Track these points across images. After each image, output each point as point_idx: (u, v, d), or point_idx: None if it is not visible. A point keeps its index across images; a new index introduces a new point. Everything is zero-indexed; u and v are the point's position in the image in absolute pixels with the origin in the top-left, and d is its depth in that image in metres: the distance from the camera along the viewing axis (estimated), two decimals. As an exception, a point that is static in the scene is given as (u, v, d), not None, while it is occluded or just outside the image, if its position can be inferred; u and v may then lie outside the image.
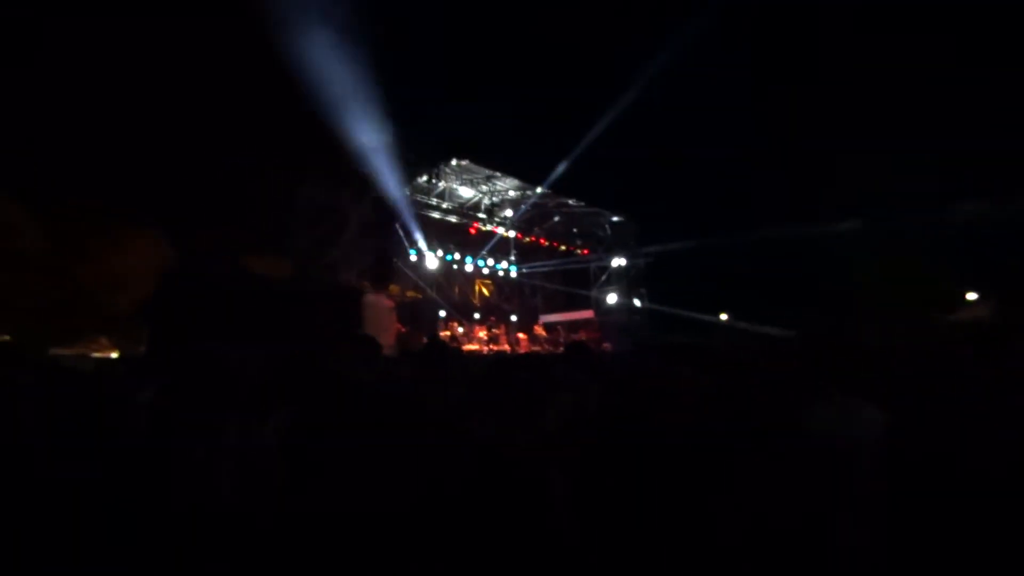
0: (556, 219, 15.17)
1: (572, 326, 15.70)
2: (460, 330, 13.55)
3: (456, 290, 15.34)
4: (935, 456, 1.66)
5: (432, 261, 13.31)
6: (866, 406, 1.85)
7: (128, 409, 2.57)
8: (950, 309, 9.50)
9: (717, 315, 13.82)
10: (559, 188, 12.95)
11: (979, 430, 1.72)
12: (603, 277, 15.56)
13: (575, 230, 15.85)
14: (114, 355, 6.80)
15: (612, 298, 15.00)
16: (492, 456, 1.93)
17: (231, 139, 7.21)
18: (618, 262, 15.20)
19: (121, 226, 6.72)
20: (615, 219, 14.94)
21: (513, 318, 15.64)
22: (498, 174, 12.55)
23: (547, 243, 15.12)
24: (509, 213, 14.66)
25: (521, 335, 14.62)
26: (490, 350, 12.86)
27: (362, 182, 10.63)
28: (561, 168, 11.55)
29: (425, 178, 11.93)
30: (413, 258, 13.51)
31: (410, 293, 13.69)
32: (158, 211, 6.90)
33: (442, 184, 12.84)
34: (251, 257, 8.05)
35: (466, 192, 13.71)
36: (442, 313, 13.67)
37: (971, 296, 10.18)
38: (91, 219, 6.54)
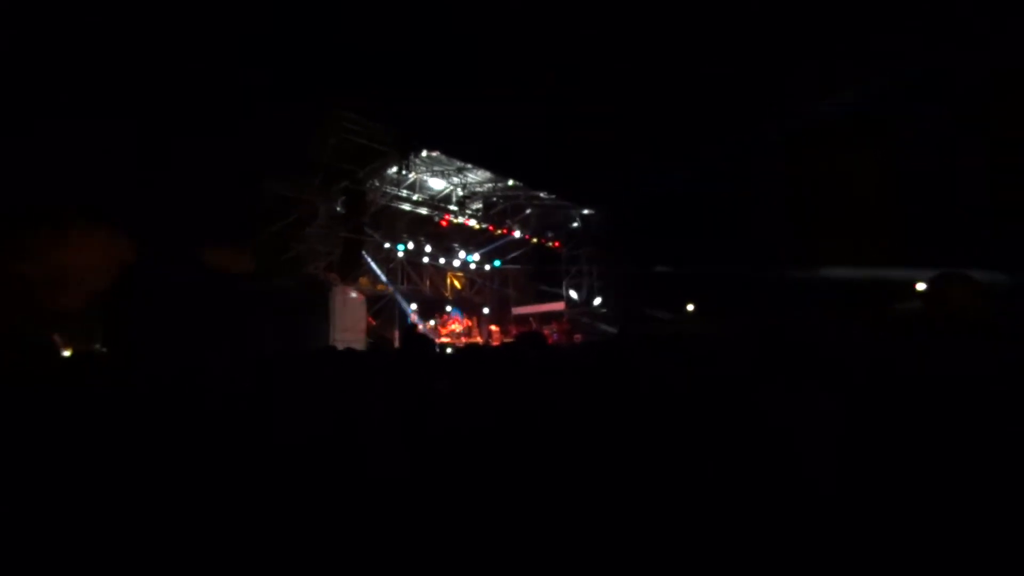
0: (528, 212, 15.19)
1: (544, 318, 15.82)
2: (432, 323, 13.49)
3: (428, 283, 15.24)
4: (890, 442, 1.74)
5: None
6: (825, 394, 1.92)
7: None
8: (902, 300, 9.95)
9: (684, 305, 14.12)
10: (531, 180, 12.93)
11: (933, 417, 1.82)
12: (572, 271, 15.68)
13: (547, 223, 15.91)
14: (66, 353, 6.49)
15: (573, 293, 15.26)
16: (480, 444, 1.94)
17: (189, 128, 6.93)
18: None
19: (70, 220, 6.40)
20: (586, 212, 15.06)
21: (485, 310, 15.66)
22: (469, 166, 12.45)
23: (519, 236, 15.13)
24: (480, 205, 14.59)
25: (493, 327, 14.66)
26: (462, 343, 12.84)
27: (329, 172, 10.41)
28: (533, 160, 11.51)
29: (395, 169, 11.73)
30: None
31: (380, 287, 13.52)
32: (110, 204, 6.60)
33: (412, 175, 12.67)
34: (211, 250, 7.79)
35: (437, 184, 13.57)
36: (413, 306, 13.57)
37: (920, 286, 10.69)
38: (38, 213, 6.21)
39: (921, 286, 10.92)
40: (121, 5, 5.69)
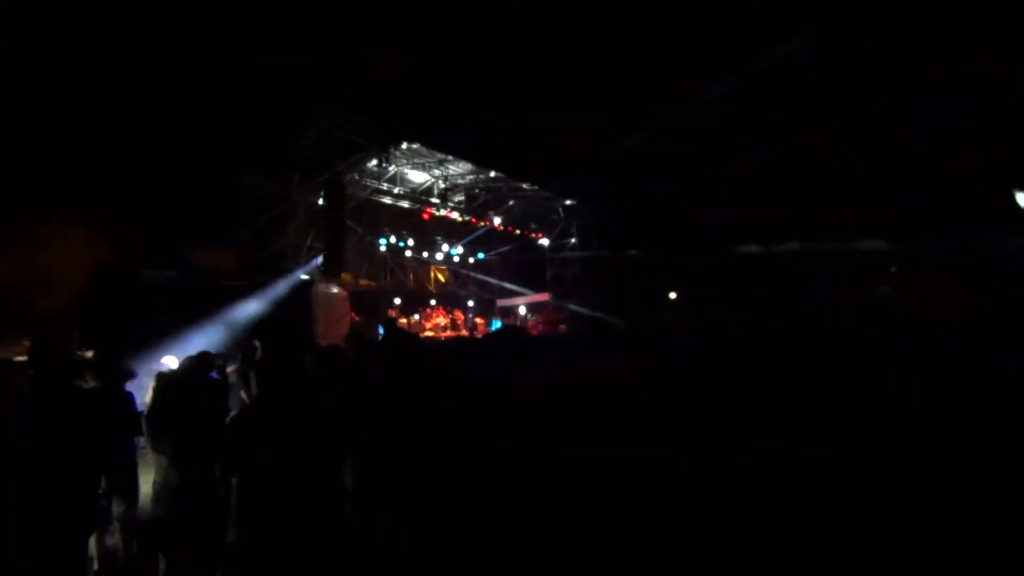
0: (511, 203, 15.14)
1: (528, 309, 15.87)
2: (416, 317, 13.43)
3: (411, 277, 15.14)
4: (860, 418, 1.79)
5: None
6: (798, 378, 1.98)
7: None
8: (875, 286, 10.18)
9: (666, 296, 14.28)
10: (513, 171, 12.87)
11: (902, 397, 1.88)
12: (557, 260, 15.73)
13: (530, 214, 15.89)
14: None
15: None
16: (472, 436, 1.95)
17: (168, 125, 6.76)
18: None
19: (47, 219, 6.22)
20: (568, 203, 15.08)
21: (470, 303, 15.64)
22: (450, 158, 12.33)
23: (502, 228, 15.08)
24: (462, 198, 14.50)
25: (479, 320, 14.65)
26: (448, 336, 12.83)
27: (309, 166, 10.24)
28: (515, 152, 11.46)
29: (375, 162, 11.58)
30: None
31: (363, 282, 13.40)
32: (88, 202, 6.43)
33: (393, 168, 12.51)
34: (192, 247, 7.64)
35: (418, 177, 13.44)
36: (397, 301, 13.49)
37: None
38: (17, 213, 6.03)
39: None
40: (100, 2, 5.52)
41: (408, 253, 13.93)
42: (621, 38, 8.02)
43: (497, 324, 14.26)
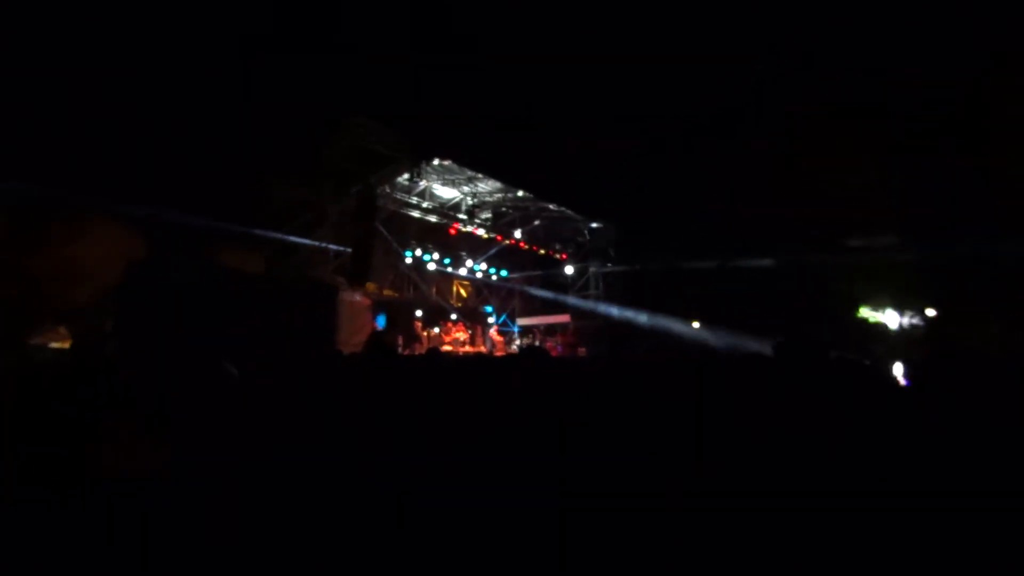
0: (536, 223, 15.20)
1: (548, 329, 15.77)
2: (436, 330, 13.47)
3: (434, 290, 15.25)
4: (888, 450, 1.72)
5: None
6: (828, 406, 1.90)
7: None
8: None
9: (690, 322, 14.02)
10: (540, 192, 12.95)
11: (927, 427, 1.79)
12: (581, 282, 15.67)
13: (555, 234, 15.92)
14: (64, 345, 6.53)
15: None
16: (473, 452, 1.92)
17: (201, 128, 7.02)
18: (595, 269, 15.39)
19: (79, 215, 6.49)
20: (594, 225, 15.07)
21: (490, 320, 15.64)
22: (480, 175, 12.50)
23: (526, 246, 15.12)
24: (489, 215, 14.63)
25: (498, 337, 14.61)
26: (466, 351, 12.81)
27: (340, 176, 10.49)
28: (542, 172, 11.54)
29: (406, 176, 11.81)
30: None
31: (387, 292, 13.55)
32: (121, 199, 6.68)
33: (423, 183, 12.74)
34: (221, 250, 7.86)
35: (447, 192, 13.63)
36: (418, 313, 13.57)
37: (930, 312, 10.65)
38: (46, 207, 6.30)
39: (930, 312, 10.86)
40: (143, 3, 5.82)
41: (432, 266, 14.05)
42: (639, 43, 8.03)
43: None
